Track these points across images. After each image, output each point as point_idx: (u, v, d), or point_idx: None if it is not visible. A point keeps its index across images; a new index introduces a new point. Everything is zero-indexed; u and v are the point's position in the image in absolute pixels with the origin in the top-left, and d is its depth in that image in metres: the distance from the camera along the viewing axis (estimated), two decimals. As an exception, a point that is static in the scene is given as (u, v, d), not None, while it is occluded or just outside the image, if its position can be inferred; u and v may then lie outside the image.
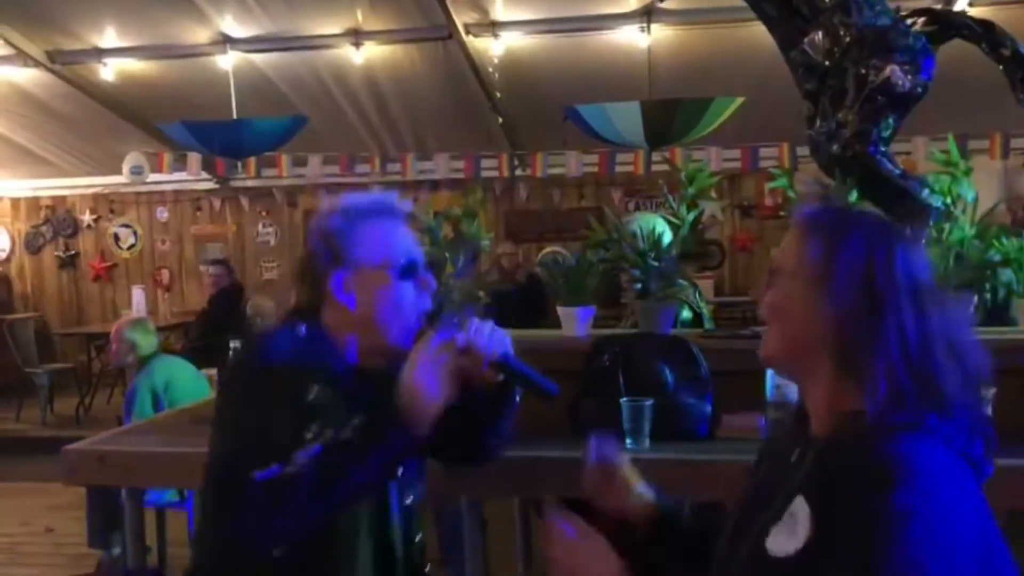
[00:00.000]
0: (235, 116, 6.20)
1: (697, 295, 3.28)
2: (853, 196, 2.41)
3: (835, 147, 2.36)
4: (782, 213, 6.81)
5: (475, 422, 1.61)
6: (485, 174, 8.06)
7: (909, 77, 2.30)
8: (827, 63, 2.40)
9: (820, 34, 2.36)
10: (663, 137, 5.82)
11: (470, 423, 1.60)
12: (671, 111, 5.56)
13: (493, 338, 1.49)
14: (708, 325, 3.17)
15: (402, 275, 1.52)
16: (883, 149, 2.34)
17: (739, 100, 5.68)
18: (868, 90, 2.30)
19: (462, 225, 2.63)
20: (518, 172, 8.20)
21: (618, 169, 8.05)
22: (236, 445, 1.42)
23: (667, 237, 2.69)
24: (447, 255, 2.54)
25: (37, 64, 6.62)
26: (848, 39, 2.34)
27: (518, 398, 1.61)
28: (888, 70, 2.28)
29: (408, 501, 1.58)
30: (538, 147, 7.89)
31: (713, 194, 8.64)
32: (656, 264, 2.50)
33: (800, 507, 1.12)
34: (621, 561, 1.28)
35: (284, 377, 1.45)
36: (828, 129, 2.37)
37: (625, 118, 5.67)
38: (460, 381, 1.48)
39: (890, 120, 2.33)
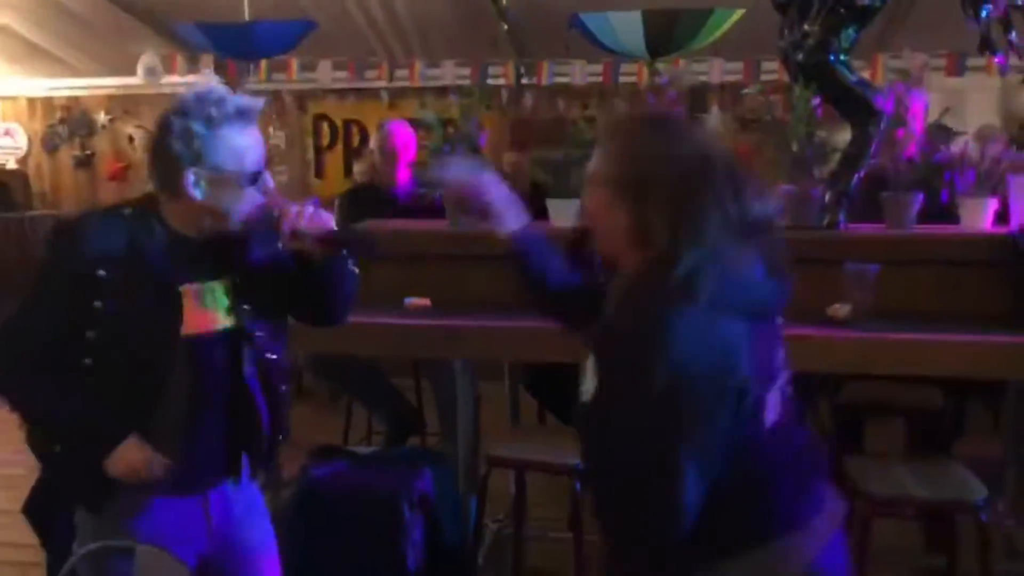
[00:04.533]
0: (247, 19, 6.35)
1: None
2: (815, 102, 2.66)
3: (800, 56, 2.59)
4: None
5: (320, 291, 1.86)
6: (491, 82, 8.19)
7: (870, -9, 2.51)
8: (795, -24, 2.60)
9: (789, -51, 2.56)
10: (663, 48, 5.95)
11: (315, 292, 1.86)
12: (671, 21, 5.68)
13: (315, 218, 1.76)
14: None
15: (250, 180, 1.76)
16: (843, 58, 2.56)
17: (738, 13, 5.78)
18: (831, 2, 2.52)
19: (460, 125, 2.89)
20: (524, 80, 8.32)
21: (622, 79, 8.18)
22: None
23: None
24: (448, 151, 2.81)
25: (51, -38, 6.74)
26: (814, -46, 2.54)
27: (353, 266, 1.87)
28: (850, -17, 2.48)
29: (269, 356, 1.86)
30: (544, 55, 8.01)
31: (716, 106, 8.68)
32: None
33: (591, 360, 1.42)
34: None
35: (74, 250, 1.72)
36: (793, 39, 2.60)
37: (627, 27, 5.80)
38: (295, 258, 1.78)
39: (851, 31, 2.55)
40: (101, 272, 1.70)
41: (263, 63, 7.86)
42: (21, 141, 9.57)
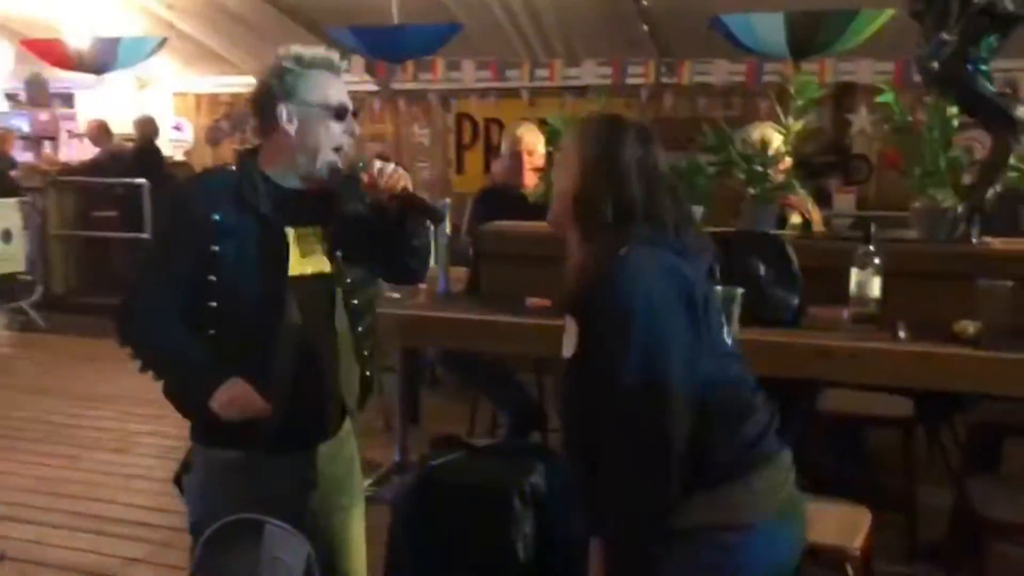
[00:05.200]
0: (396, 22, 6.62)
1: (809, 203, 3.49)
2: (952, 111, 2.59)
3: (935, 65, 2.52)
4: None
5: (392, 243, 2.02)
6: (631, 81, 8.21)
7: (1015, -1, 2.41)
8: (933, -17, 2.53)
9: (927, -44, 2.49)
10: (807, 48, 5.85)
11: (388, 244, 2.02)
12: (815, 22, 5.58)
13: (392, 177, 1.93)
14: (816, 229, 3.38)
15: (334, 115, 1.91)
16: (982, 68, 2.48)
17: (888, 12, 5.61)
18: (971, 11, 2.44)
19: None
20: (664, 79, 8.29)
21: (766, 79, 8.03)
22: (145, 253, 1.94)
23: (777, 145, 2.94)
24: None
25: (223, -30, 7.21)
26: (954, -40, 2.46)
27: (427, 227, 2.06)
28: (993, -9, 2.40)
29: (356, 302, 2.01)
30: (685, 54, 7.96)
31: (864, 109, 8.35)
32: (759, 168, 2.76)
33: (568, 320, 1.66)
34: None
35: (191, 201, 1.91)
36: (930, 48, 2.53)
37: (768, 28, 5.73)
38: (373, 209, 1.96)
39: (991, 40, 2.46)
40: (216, 216, 1.85)
41: (410, 63, 8.15)
42: (188, 135, 10.27)
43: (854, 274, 2.54)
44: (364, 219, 2.00)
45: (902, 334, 2.44)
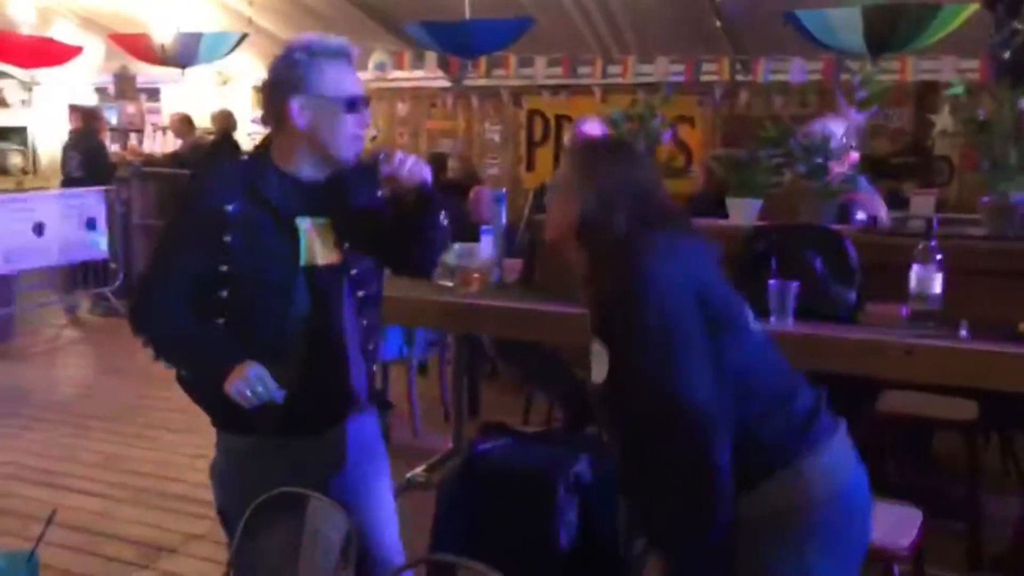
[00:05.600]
0: (468, 17, 6.65)
1: (875, 200, 3.40)
2: (1024, 103, 2.49)
3: (1006, 54, 2.43)
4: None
5: (406, 234, 2.00)
6: (705, 78, 8.10)
7: (1088, -15, 2.32)
8: (1006, -29, 2.45)
9: (998, -58, 2.41)
10: (885, 44, 5.66)
11: (401, 235, 2.00)
12: (894, 17, 5.39)
13: (413, 168, 1.92)
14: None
15: (347, 107, 1.87)
16: (1055, 57, 2.38)
17: (972, 7, 5.40)
18: (1045, -2, 2.35)
19: (645, 121, 2.94)
20: (739, 77, 8.16)
21: (845, 76, 7.84)
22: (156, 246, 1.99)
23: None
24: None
25: (301, -33, 7.34)
26: (1027, -54, 2.38)
27: (441, 219, 2.02)
28: (1065, -22, 2.31)
29: (361, 294, 2.01)
30: (760, 51, 7.82)
31: (947, 109, 8.17)
32: (820, 162, 2.70)
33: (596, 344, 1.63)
34: None
35: (203, 192, 1.93)
36: (1001, 37, 2.44)
37: (844, 24, 5.57)
38: (391, 198, 1.95)
39: (1066, 29, 2.37)
40: (229, 207, 1.87)
41: (483, 59, 8.19)
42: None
43: (915, 270, 2.46)
44: (375, 212, 2.00)
45: (963, 332, 2.36)
